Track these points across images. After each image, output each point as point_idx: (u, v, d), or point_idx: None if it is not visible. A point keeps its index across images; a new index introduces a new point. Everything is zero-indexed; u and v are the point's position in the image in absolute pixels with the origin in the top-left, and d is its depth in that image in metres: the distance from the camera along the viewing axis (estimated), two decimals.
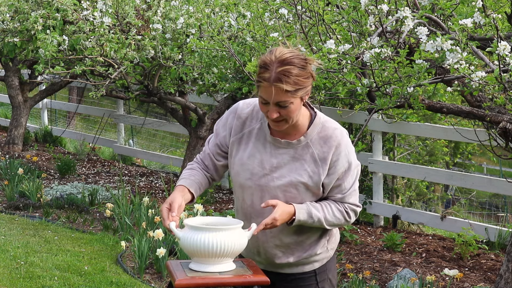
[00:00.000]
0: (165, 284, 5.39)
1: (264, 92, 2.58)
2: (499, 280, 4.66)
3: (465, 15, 4.20)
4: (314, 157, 2.70)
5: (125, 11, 6.95)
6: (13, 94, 10.23)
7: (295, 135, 2.73)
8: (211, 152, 2.85)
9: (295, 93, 2.58)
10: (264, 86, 2.57)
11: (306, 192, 2.72)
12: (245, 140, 2.77)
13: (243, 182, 2.76)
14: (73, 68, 6.84)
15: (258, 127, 2.77)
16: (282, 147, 2.73)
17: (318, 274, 2.85)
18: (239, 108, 2.81)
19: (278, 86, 2.55)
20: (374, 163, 7.18)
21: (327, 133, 2.71)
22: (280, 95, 2.56)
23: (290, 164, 2.72)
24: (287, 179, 2.70)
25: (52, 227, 6.68)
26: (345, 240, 6.37)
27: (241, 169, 2.76)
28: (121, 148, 10.48)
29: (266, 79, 2.56)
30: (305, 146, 2.72)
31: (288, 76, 2.54)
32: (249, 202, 2.78)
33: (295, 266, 2.83)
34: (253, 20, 6.17)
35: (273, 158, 2.73)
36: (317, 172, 2.70)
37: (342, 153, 2.70)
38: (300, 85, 2.58)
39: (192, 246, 2.62)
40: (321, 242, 2.82)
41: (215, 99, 8.03)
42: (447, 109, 4.92)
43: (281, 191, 2.71)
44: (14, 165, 8.40)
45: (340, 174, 2.71)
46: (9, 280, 5.20)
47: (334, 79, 4.83)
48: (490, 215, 8.86)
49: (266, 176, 2.72)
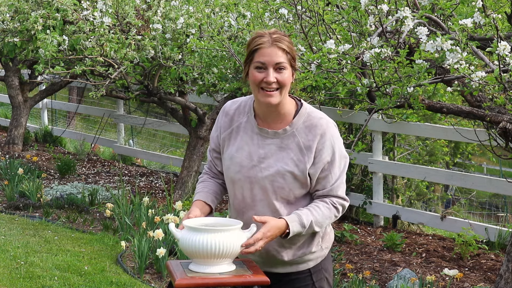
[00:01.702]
0: (165, 284, 5.39)
1: (263, 54, 2.68)
2: (499, 280, 4.66)
3: (465, 15, 4.20)
4: (300, 145, 2.74)
5: (125, 11, 6.95)
6: (13, 94, 10.23)
7: (281, 124, 2.77)
8: (212, 159, 2.93)
9: (289, 57, 2.70)
10: (263, 48, 2.68)
11: (294, 182, 2.73)
12: (234, 135, 2.83)
13: (233, 175, 2.80)
14: (73, 68, 6.84)
15: (245, 120, 2.83)
16: (269, 137, 2.77)
17: (314, 273, 2.86)
18: (227, 106, 2.90)
19: (277, 44, 2.68)
20: (374, 163, 7.18)
21: (312, 122, 2.76)
22: (278, 55, 2.68)
23: (277, 154, 2.75)
24: (274, 168, 2.74)
25: (52, 227, 6.68)
26: (345, 240, 6.37)
27: (230, 163, 2.80)
28: (121, 148, 10.48)
29: (264, 42, 2.68)
30: (290, 135, 2.76)
31: (283, 41, 2.69)
32: (240, 196, 2.80)
33: (289, 265, 2.84)
34: (253, 20, 6.16)
35: (261, 149, 2.77)
36: (302, 160, 2.73)
37: (327, 142, 2.73)
38: (292, 53, 2.71)
39: (191, 247, 2.62)
40: (315, 240, 2.83)
41: (215, 99, 8.03)
42: (447, 109, 4.92)
43: (269, 181, 2.74)
44: (14, 165, 8.40)
45: (326, 164, 2.73)
46: (9, 280, 5.20)
47: (334, 79, 4.83)
48: (490, 215, 8.86)
49: (254, 168, 2.76)
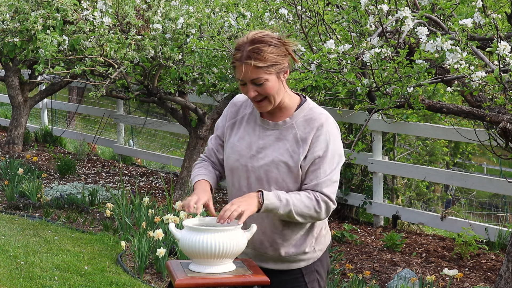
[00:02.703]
0: (165, 284, 5.39)
1: (238, 72, 2.68)
2: (499, 280, 4.66)
3: (465, 15, 4.19)
4: (296, 137, 2.75)
5: (125, 11, 6.95)
6: (13, 94, 10.23)
7: (282, 117, 2.80)
8: (214, 147, 2.94)
9: (267, 69, 2.66)
10: (237, 66, 2.68)
11: (288, 173, 2.73)
12: (237, 125, 2.87)
13: (232, 163, 2.82)
14: (73, 68, 6.84)
15: (249, 112, 2.87)
16: (269, 129, 2.80)
17: (306, 274, 2.85)
18: (236, 98, 2.95)
19: (248, 63, 2.64)
20: (374, 163, 7.18)
21: (312, 116, 2.77)
22: (252, 72, 2.65)
23: (274, 145, 2.77)
24: (269, 158, 2.75)
25: (52, 227, 6.68)
26: (345, 240, 6.37)
27: (231, 151, 2.83)
28: (121, 148, 10.48)
29: (238, 59, 2.67)
30: (289, 127, 2.77)
31: (258, 53, 2.64)
32: (237, 185, 2.82)
33: (280, 262, 2.84)
34: (253, 20, 6.16)
35: (260, 140, 2.80)
36: (297, 151, 2.73)
37: (322, 137, 2.73)
38: (272, 62, 2.66)
39: (191, 248, 2.62)
40: (308, 240, 2.82)
41: (215, 99, 8.03)
42: (447, 109, 4.92)
43: (264, 171, 2.75)
44: (14, 165, 8.40)
45: (317, 158, 2.72)
46: (9, 280, 5.20)
47: (334, 79, 4.83)
48: (490, 215, 8.86)
49: (252, 157, 2.78)
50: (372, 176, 7.34)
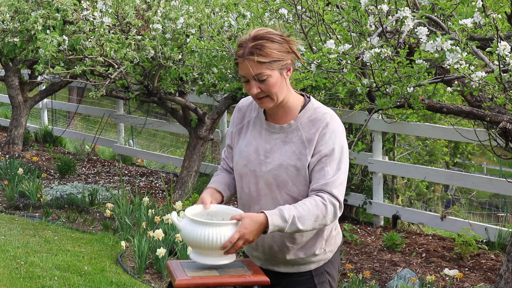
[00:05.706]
0: (165, 284, 5.39)
1: (241, 68, 2.67)
2: (499, 280, 4.66)
3: (465, 15, 4.19)
4: (302, 139, 2.73)
5: (125, 11, 6.95)
6: (13, 94, 10.23)
7: (287, 119, 2.78)
8: (226, 157, 2.95)
9: (270, 65, 2.64)
10: (240, 63, 2.67)
11: (297, 176, 2.71)
12: (244, 130, 2.86)
13: (240, 169, 2.82)
14: (73, 68, 6.84)
15: (255, 116, 2.86)
16: (275, 132, 2.79)
17: (316, 276, 2.83)
18: (240, 102, 2.94)
19: (250, 59, 2.63)
20: (374, 163, 7.18)
21: (316, 116, 2.75)
22: (254, 67, 2.63)
23: (281, 148, 2.76)
24: (277, 162, 2.74)
25: (52, 227, 6.68)
26: (345, 240, 6.38)
27: (239, 157, 2.83)
28: (121, 148, 10.48)
29: (240, 55, 2.65)
30: (295, 129, 2.76)
31: (260, 49, 2.63)
32: (247, 190, 2.81)
33: (291, 265, 2.83)
34: (253, 20, 6.16)
35: (267, 144, 2.78)
36: (304, 153, 2.71)
37: (327, 135, 2.71)
38: (274, 58, 2.64)
39: (192, 239, 2.63)
40: (318, 243, 2.81)
41: (215, 99, 8.03)
42: (447, 109, 4.92)
43: (272, 175, 2.73)
44: (14, 165, 8.40)
45: (323, 157, 2.69)
46: (9, 280, 5.20)
47: (334, 79, 4.83)
48: (490, 215, 8.86)
49: (260, 162, 2.77)
50: (372, 176, 7.34)
